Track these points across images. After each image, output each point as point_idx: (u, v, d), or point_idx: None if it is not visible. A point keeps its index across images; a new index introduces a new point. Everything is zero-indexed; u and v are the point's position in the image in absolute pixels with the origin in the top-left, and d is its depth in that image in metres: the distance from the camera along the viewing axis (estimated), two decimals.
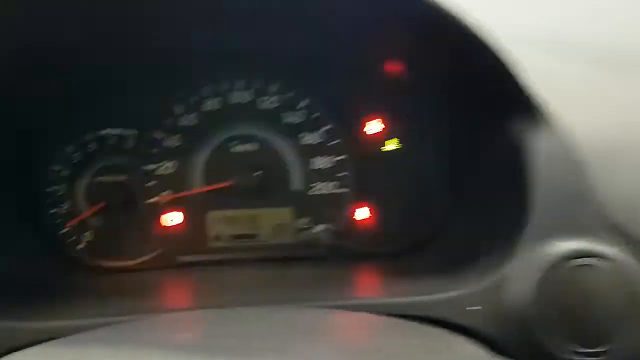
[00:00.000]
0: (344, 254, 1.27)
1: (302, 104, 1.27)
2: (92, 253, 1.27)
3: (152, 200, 1.27)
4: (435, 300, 0.87)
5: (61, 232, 1.26)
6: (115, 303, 0.96)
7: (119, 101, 1.26)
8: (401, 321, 0.78)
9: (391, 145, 1.28)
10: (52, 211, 1.25)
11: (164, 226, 1.27)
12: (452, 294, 0.86)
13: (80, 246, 1.26)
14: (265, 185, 1.26)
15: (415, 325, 0.78)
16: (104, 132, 1.26)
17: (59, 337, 0.72)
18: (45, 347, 0.64)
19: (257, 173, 1.26)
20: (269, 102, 1.27)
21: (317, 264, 1.23)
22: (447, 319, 0.85)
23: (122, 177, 1.27)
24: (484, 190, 1.07)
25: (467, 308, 0.86)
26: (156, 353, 0.56)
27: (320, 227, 1.27)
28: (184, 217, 1.28)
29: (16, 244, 1.13)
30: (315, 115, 1.26)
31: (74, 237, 1.26)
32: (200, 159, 1.27)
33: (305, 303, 0.87)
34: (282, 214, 1.28)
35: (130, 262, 1.27)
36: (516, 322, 0.82)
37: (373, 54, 1.16)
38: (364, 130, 1.28)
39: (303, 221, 1.29)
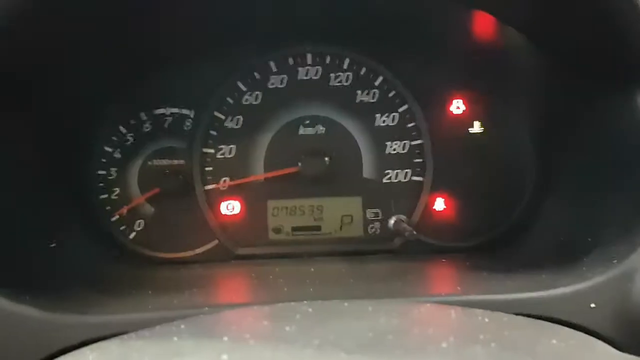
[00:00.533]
0: (421, 248, 1.15)
1: (377, 81, 1.15)
2: (144, 243, 1.20)
3: (209, 187, 1.17)
4: (544, 297, 0.76)
5: (111, 220, 1.16)
6: (175, 296, 0.86)
7: (176, 78, 1.19)
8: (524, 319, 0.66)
9: (476, 128, 1.15)
10: (102, 197, 1.16)
11: (222, 215, 1.18)
12: (565, 290, 0.76)
13: (132, 236, 1.18)
14: (333, 171, 1.18)
15: (539, 322, 0.65)
16: (159, 111, 1.17)
17: (121, 331, 0.64)
18: (127, 339, 0.55)
19: (324, 158, 1.16)
20: (341, 79, 1.15)
21: (390, 258, 1.12)
22: (561, 318, 0.73)
23: (177, 161, 1.17)
24: (588, 174, 0.95)
25: (591, 305, 0.73)
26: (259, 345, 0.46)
27: (393, 219, 1.16)
28: (242, 206, 1.18)
29: (66, 232, 1.05)
30: (392, 93, 1.15)
31: (124, 226, 1.17)
32: (262, 143, 1.19)
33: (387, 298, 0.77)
34: (350, 204, 1.19)
35: (186, 254, 1.19)
36: None
37: (461, 21, 1.04)
38: (446, 111, 1.16)
39: (374, 212, 1.18)
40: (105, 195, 1.18)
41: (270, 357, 0.45)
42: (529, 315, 0.73)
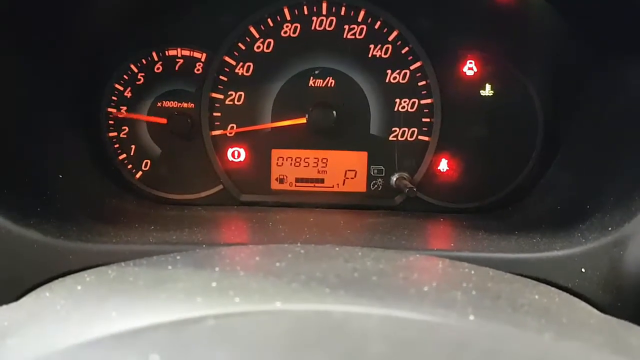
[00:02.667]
0: (421, 207, 1.16)
1: (391, 36, 1.14)
2: (150, 183, 1.22)
3: (216, 132, 1.18)
4: (536, 259, 0.78)
5: (119, 158, 1.18)
6: (176, 233, 0.89)
7: (189, 18, 1.18)
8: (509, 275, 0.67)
9: (487, 90, 1.14)
10: (111, 134, 1.17)
11: (228, 161, 1.19)
12: (557, 253, 0.78)
13: (138, 175, 1.20)
14: (340, 125, 1.18)
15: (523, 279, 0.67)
16: (170, 52, 1.17)
17: (114, 261, 0.67)
18: (124, 266, 0.57)
19: (332, 111, 1.16)
20: (355, 31, 1.14)
21: (389, 215, 1.14)
22: (551, 280, 0.75)
23: (187, 104, 1.17)
24: (593, 142, 0.96)
25: (582, 270, 0.75)
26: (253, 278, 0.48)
27: (395, 176, 1.17)
28: (248, 154, 1.19)
29: (74, 166, 1.07)
30: (405, 50, 1.14)
31: (131, 165, 1.19)
32: (271, 92, 1.19)
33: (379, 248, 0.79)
34: (355, 159, 1.20)
35: (191, 196, 1.21)
36: (635, 287, 0.74)
37: None
38: (459, 72, 1.15)
39: (378, 168, 1.19)
40: (115, 133, 1.20)
41: (256, 286, 0.47)
42: (519, 276, 0.75)
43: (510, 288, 0.58)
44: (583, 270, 0.75)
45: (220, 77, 1.18)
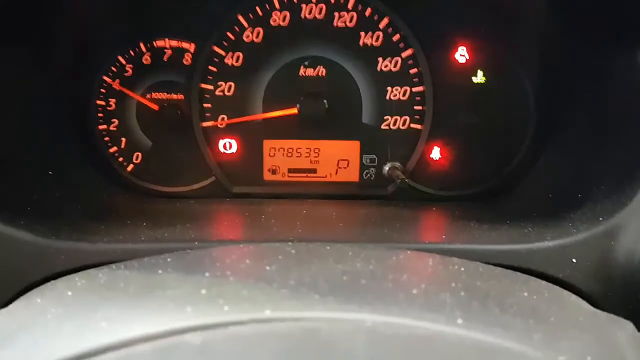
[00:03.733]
0: (414, 196, 1.17)
1: (382, 23, 1.12)
2: (142, 176, 1.22)
3: (207, 123, 1.17)
4: (527, 250, 0.79)
5: (110, 151, 1.17)
6: (168, 229, 0.89)
7: (177, 10, 1.16)
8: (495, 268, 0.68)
9: (479, 77, 1.13)
10: (101, 127, 1.16)
11: (220, 153, 1.19)
12: (548, 244, 0.79)
13: (129, 168, 1.19)
14: (331, 115, 1.18)
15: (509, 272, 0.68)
16: (158, 43, 1.15)
17: (112, 260, 0.67)
18: (115, 269, 0.57)
19: (324, 101, 1.15)
20: (345, 19, 1.13)
21: (381, 205, 1.14)
22: (541, 271, 0.76)
23: (176, 96, 1.16)
24: (584, 131, 0.96)
25: (573, 260, 0.76)
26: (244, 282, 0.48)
27: (388, 166, 1.17)
28: (239, 145, 1.19)
29: (64, 162, 1.07)
30: (396, 37, 1.13)
31: (122, 158, 1.18)
32: (262, 82, 1.18)
33: (371, 243, 0.79)
34: (348, 149, 1.19)
35: (183, 189, 1.21)
36: (625, 277, 0.74)
37: None
38: (450, 59, 1.14)
39: (370, 158, 1.19)
40: (104, 126, 1.19)
41: (246, 294, 0.47)
42: (510, 267, 0.76)
43: (499, 285, 0.58)
44: (574, 260, 0.76)
45: (210, 67, 1.16)
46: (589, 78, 0.95)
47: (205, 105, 1.18)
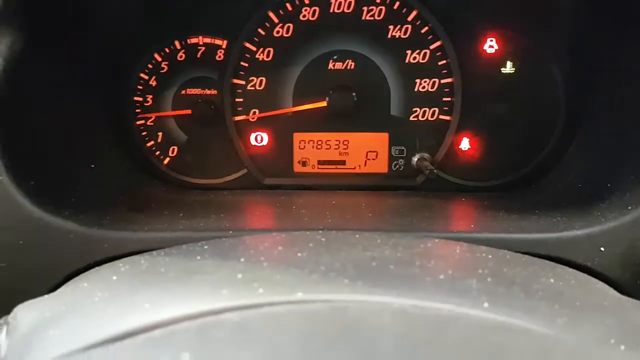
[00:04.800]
0: (442, 186, 1.17)
1: (410, 16, 1.13)
2: (177, 169, 1.26)
3: (239, 117, 1.20)
4: (556, 239, 0.79)
5: (147, 145, 1.21)
6: (203, 219, 0.92)
7: (210, 7, 1.20)
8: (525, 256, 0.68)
9: (507, 67, 1.13)
10: (138, 122, 1.20)
11: (251, 146, 1.21)
12: (577, 232, 0.79)
13: (166, 161, 1.23)
14: (360, 107, 1.19)
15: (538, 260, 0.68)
16: (192, 40, 1.18)
17: (152, 248, 0.70)
18: (156, 255, 0.61)
19: (352, 94, 1.17)
20: (373, 13, 1.14)
21: (410, 195, 1.15)
22: (570, 259, 0.76)
23: (210, 91, 1.19)
24: (615, 120, 0.95)
25: (601, 249, 0.76)
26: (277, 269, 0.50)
27: (416, 157, 1.18)
28: (270, 138, 1.21)
29: (105, 155, 1.11)
30: (425, 29, 1.13)
31: (159, 152, 1.22)
32: (292, 76, 1.20)
33: (399, 232, 0.80)
34: (377, 140, 1.21)
35: (216, 181, 1.24)
36: None
37: None
38: (479, 50, 1.14)
39: (399, 149, 1.20)
40: (142, 121, 1.23)
41: (279, 278, 0.50)
42: (539, 256, 0.76)
43: (526, 272, 0.59)
44: (602, 249, 0.76)
45: (242, 63, 1.19)
46: (618, 68, 0.93)
47: (237, 99, 1.21)
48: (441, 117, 1.18)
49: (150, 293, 0.50)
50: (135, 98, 1.21)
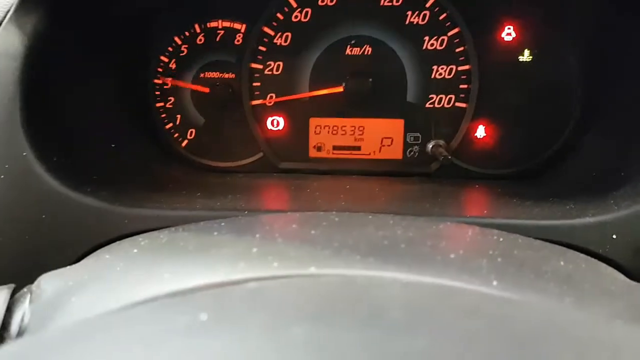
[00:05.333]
0: (457, 173, 1.18)
1: (429, 2, 1.13)
2: (195, 151, 1.27)
3: (256, 102, 1.21)
4: (568, 226, 0.79)
5: (166, 127, 1.23)
6: (220, 199, 0.94)
7: None
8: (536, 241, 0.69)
9: (525, 56, 1.12)
10: (158, 105, 1.23)
11: (267, 130, 1.23)
12: (589, 219, 0.79)
13: (184, 144, 1.25)
14: (376, 93, 1.20)
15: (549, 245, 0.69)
16: (212, 24, 1.20)
17: (168, 225, 0.72)
18: (175, 231, 0.63)
19: (369, 79, 1.17)
20: None
21: (424, 182, 1.16)
22: (582, 246, 0.76)
23: (228, 75, 1.20)
24: (631, 109, 0.94)
25: (613, 236, 0.76)
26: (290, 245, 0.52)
27: (431, 143, 1.18)
28: (286, 123, 1.23)
29: (125, 136, 1.13)
30: (443, 16, 1.13)
31: (177, 134, 1.24)
32: (309, 61, 1.21)
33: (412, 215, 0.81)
34: (392, 127, 1.21)
35: (233, 164, 1.26)
36: None
37: None
38: (497, 37, 1.13)
39: (414, 136, 1.20)
40: (161, 104, 1.25)
41: (293, 253, 0.51)
42: (550, 242, 0.77)
43: (536, 255, 0.60)
44: (614, 236, 0.76)
45: (260, 47, 1.20)
46: (635, 57, 0.93)
47: (254, 84, 1.22)
48: (457, 104, 1.18)
49: (170, 264, 0.52)
50: (155, 81, 1.23)
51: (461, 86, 1.17)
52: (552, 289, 0.49)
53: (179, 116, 1.25)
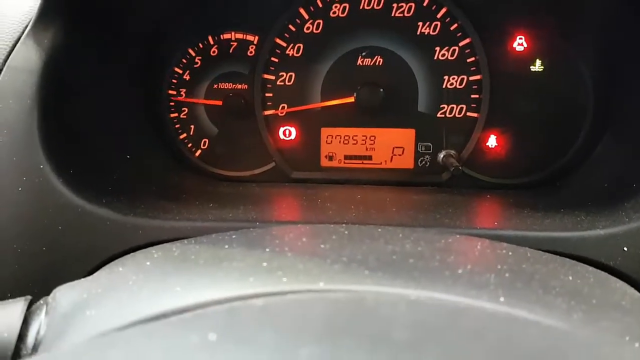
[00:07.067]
0: (468, 183, 1.18)
1: (440, 13, 1.13)
2: (208, 161, 1.29)
3: (269, 112, 1.23)
4: (579, 238, 0.79)
5: (180, 137, 1.25)
6: (232, 210, 0.95)
7: (242, 4, 1.23)
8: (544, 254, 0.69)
9: (536, 66, 1.12)
10: (172, 115, 1.24)
11: (280, 140, 1.24)
12: (600, 232, 0.79)
13: (197, 153, 1.27)
14: (388, 103, 1.20)
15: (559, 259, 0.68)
16: (225, 36, 1.21)
17: (184, 236, 0.73)
18: (187, 243, 0.64)
19: (380, 90, 1.18)
20: (403, 9, 1.14)
21: (435, 191, 1.16)
22: (593, 259, 0.76)
23: (241, 85, 1.22)
24: None
25: (624, 249, 0.75)
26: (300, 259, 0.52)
27: (443, 153, 1.18)
28: (298, 133, 1.24)
29: (140, 147, 1.15)
30: (454, 26, 1.14)
31: (191, 144, 1.26)
32: (321, 71, 1.22)
33: (422, 227, 0.81)
34: (403, 136, 1.21)
35: (245, 173, 1.27)
36: None
37: None
38: (508, 47, 1.13)
39: (426, 145, 1.20)
40: (175, 114, 1.27)
41: (302, 268, 0.52)
42: (561, 254, 0.76)
43: (545, 269, 0.60)
44: (625, 249, 0.76)
45: (272, 58, 1.21)
46: None
47: (267, 94, 1.23)
48: (468, 114, 1.18)
49: (182, 278, 0.53)
50: (170, 91, 1.25)
51: (472, 96, 1.17)
52: (560, 304, 0.49)
53: (192, 126, 1.27)
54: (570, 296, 0.51)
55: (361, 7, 1.17)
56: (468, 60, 1.16)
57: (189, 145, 1.27)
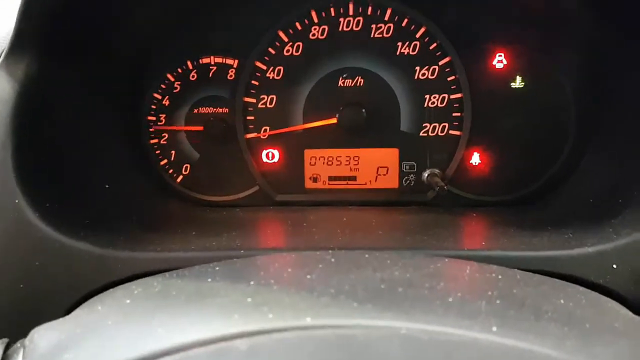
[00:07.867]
0: (454, 201, 1.17)
1: (419, 33, 1.14)
2: (191, 187, 1.27)
3: (251, 135, 1.21)
4: (567, 256, 0.78)
5: (161, 164, 1.23)
6: (216, 238, 0.93)
7: (221, 28, 1.22)
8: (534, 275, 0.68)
9: (517, 82, 1.13)
10: (152, 141, 1.22)
11: (263, 163, 1.23)
12: (588, 250, 0.78)
13: (179, 179, 1.25)
14: (370, 124, 1.20)
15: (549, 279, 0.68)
16: (204, 60, 1.21)
17: (166, 268, 0.71)
18: (168, 277, 0.61)
19: (362, 110, 1.18)
20: (382, 30, 1.15)
21: (421, 211, 1.15)
22: (582, 277, 0.75)
23: (222, 110, 1.21)
24: (625, 136, 0.95)
25: (613, 266, 0.75)
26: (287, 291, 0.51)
27: (427, 172, 1.18)
28: (281, 155, 1.23)
29: (119, 175, 1.12)
30: (433, 46, 1.14)
31: (172, 170, 1.24)
32: (302, 93, 1.22)
33: (409, 250, 0.80)
34: (387, 156, 1.21)
35: (229, 198, 1.26)
36: None
37: None
38: (488, 65, 1.14)
39: (410, 164, 1.20)
40: (155, 140, 1.25)
41: (288, 302, 0.50)
42: (550, 273, 0.76)
43: (536, 292, 0.59)
44: (614, 266, 0.75)
45: (252, 82, 1.20)
46: (629, 81, 0.93)
47: (248, 117, 1.22)
48: (451, 132, 1.18)
49: (163, 317, 0.51)
50: (149, 117, 1.23)
51: (454, 114, 1.17)
52: (554, 331, 0.48)
53: (173, 152, 1.25)
54: (563, 321, 0.50)
55: (340, 29, 1.17)
56: (448, 79, 1.16)
57: (170, 171, 1.25)
